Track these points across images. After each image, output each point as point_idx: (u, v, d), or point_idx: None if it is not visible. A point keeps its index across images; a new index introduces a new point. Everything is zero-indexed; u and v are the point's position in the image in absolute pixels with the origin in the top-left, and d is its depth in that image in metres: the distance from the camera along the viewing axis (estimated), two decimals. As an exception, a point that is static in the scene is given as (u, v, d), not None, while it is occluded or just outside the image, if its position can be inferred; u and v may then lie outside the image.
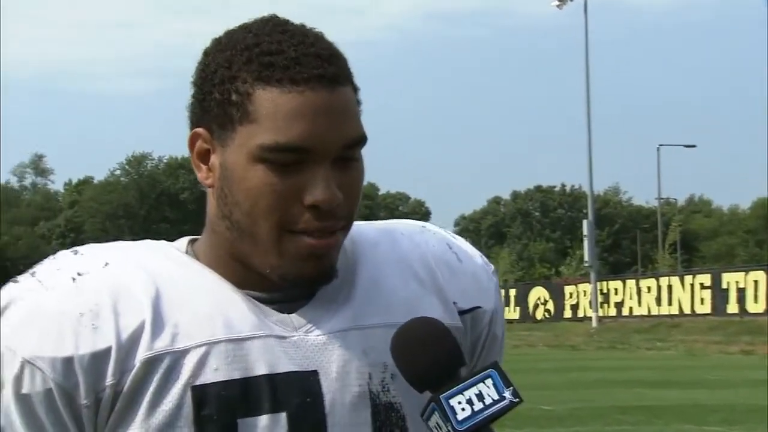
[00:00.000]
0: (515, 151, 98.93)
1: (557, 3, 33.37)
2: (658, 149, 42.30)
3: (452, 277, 1.05)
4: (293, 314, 0.98)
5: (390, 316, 0.99)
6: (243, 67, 0.94)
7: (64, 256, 0.98)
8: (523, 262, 50.80)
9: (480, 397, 0.90)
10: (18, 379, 0.91)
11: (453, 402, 0.90)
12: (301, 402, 0.94)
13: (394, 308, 0.99)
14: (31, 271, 0.97)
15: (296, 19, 1.00)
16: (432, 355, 0.93)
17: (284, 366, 0.95)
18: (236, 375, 0.93)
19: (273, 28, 0.96)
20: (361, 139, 0.96)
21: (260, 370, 0.94)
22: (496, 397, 0.91)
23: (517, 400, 0.91)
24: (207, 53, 0.98)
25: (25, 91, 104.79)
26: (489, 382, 0.91)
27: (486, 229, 61.44)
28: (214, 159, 0.97)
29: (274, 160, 0.93)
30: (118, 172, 58.79)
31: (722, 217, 59.92)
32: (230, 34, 0.98)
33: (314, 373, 0.95)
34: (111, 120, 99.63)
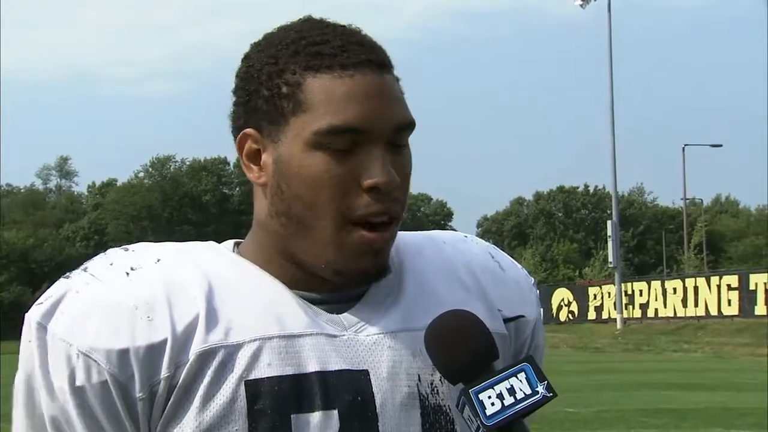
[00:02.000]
0: (538, 151, 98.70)
1: (580, 2, 33.18)
2: (683, 149, 41.97)
3: (496, 285, 1.06)
4: (343, 314, 0.98)
5: None
6: (290, 59, 0.95)
7: (114, 252, 0.98)
8: (547, 263, 50.54)
9: (511, 391, 0.88)
10: (73, 372, 0.91)
11: (483, 396, 0.88)
12: (353, 400, 0.93)
13: (443, 311, 0.97)
14: (82, 267, 0.97)
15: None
16: (464, 347, 0.92)
17: (335, 364, 0.95)
18: (289, 371, 0.93)
19: (313, 24, 0.99)
20: (411, 124, 0.97)
21: (312, 367, 0.94)
22: (529, 392, 0.88)
23: (551, 394, 0.89)
24: (248, 56, 0.99)
25: (51, 94, 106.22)
26: (522, 376, 0.89)
27: (509, 230, 61.22)
28: (266, 157, 0.97)
29: (331, 144, 0.93)
30: (141, 174, 59.30)
31: (749, 217, 59.22)
32: (270, 35, 0.99)
33: (365, 373, 0.95)
34: (133, 122, 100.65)
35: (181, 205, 57.36)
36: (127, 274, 0.95)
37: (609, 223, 31.17)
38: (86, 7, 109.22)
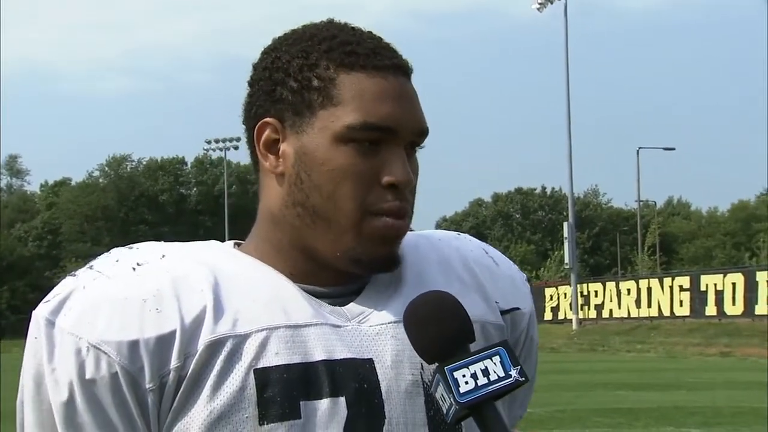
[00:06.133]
0: (496, 152, 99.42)
1: (538, 5, 33.56)
2: (637, 152, 42.67)
3: (492, 279, 1.09)
4: (346, 306, 1.00)
5: None
6: (324, 55, 0.99)
7: (119, 251, 1.00)
8: (504, 264, 50.74)
9: (485, 372, 0.90)
10: (82, 365, 0.92)
11: (457, 374, 0.90)
12: (359, 387, 0.95)
13: None
14: (88, 265, 0.98)
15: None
16: (441, 326, 0.93)
17: (341, 353, 0.96)
18: (296, 359, 0.95)
19: (340, 26, 1.03)
20: (428, 131, 1.02)
21: (318, 355, 0.96)
22: (502, 374, 0.90)
23: (523, 379, 0.90)
24: (274, 49, 1.02)
25: None
26: (496, 359, 0.91)
27: (467, 231, 61.29)
28: (285, 147, 0.99)
29: (360, 139, 0.97)
30: (96, 173, 58.39)
31: (701, 219, 60.37)
32: (297, 32, 1.02)
33: (370, 361, 0.97)
34: (84, 120, 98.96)
35: (137, 205, 56.57)
36: (134, 269, 0.96)
37: (565, 224, 31.57)
38: (39, 3, 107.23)
